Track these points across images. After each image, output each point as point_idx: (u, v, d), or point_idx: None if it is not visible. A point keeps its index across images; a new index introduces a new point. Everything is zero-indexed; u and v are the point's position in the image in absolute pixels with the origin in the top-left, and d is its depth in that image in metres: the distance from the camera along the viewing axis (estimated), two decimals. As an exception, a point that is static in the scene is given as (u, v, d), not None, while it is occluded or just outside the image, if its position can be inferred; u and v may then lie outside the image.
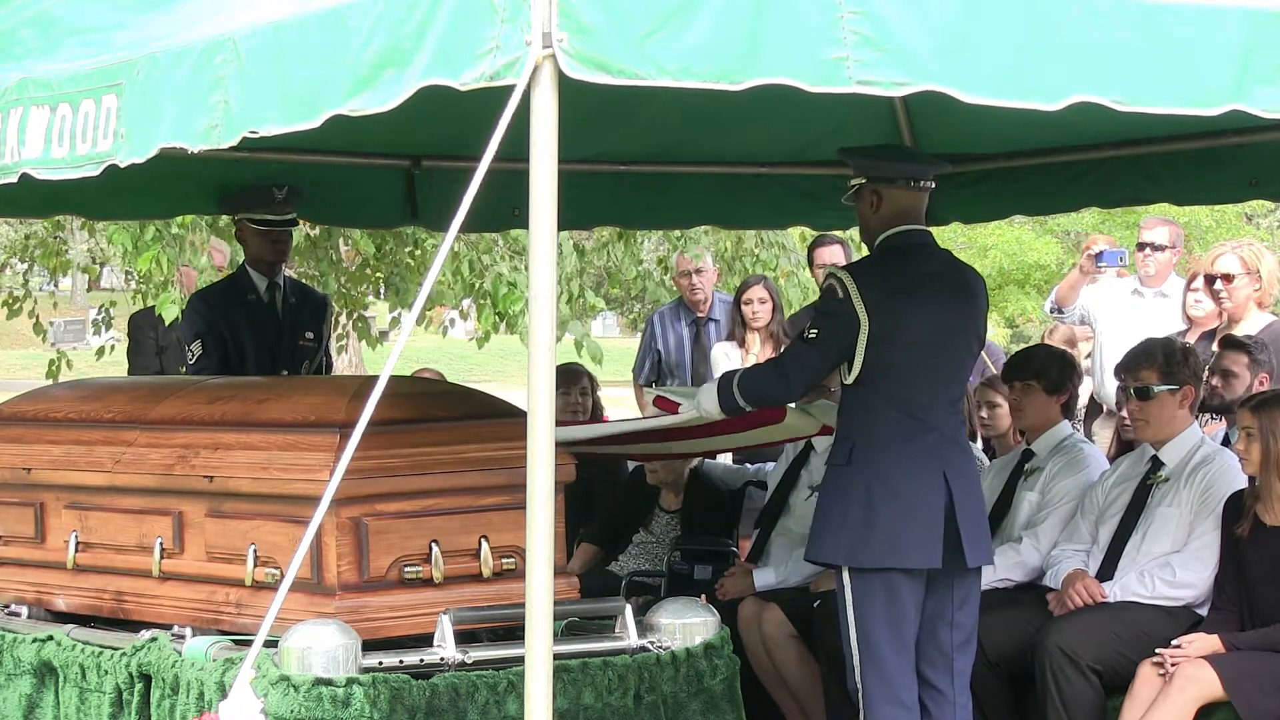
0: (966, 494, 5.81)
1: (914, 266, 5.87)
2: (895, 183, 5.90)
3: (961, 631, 5.89)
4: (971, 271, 6.24)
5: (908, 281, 5.84)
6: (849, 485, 5.79)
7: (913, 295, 5.82)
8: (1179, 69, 4.18)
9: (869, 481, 5.75)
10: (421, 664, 4.96)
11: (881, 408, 5.79)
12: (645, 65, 3.92)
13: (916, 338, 5.80)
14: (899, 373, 5.77)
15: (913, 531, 5.72)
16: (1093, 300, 9.27)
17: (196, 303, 7.93)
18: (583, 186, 8.19)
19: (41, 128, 4.90)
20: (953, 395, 5.91)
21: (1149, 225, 9.35)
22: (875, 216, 5.93)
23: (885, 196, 5.90)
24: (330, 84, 4.18)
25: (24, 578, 5.93)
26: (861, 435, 5.81)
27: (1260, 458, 6.14)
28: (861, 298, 5.75)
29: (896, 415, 5.77)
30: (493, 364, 27.79)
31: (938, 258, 5.99)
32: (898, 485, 5.73)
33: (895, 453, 5.76)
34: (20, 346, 34.29)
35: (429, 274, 4.52)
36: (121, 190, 7.36)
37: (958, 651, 5.90)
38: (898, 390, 5.77)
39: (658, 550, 7.91)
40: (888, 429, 5.78)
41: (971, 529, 5.79)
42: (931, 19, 4.04)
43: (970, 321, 5.96)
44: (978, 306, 6.01)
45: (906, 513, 5.72)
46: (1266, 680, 5.95)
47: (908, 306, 5.80)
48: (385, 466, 5.12)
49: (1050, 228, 24.08)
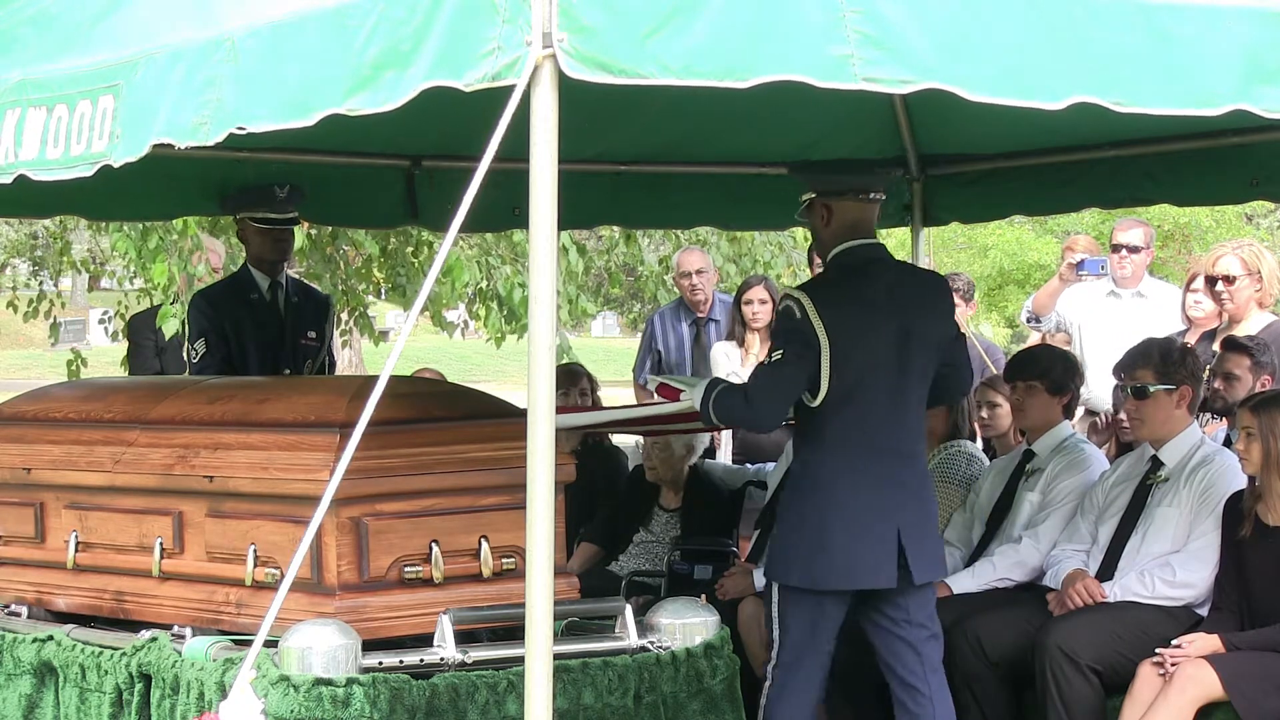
0: (917, 511, 5.86)
1: (870, 282, 5.86)
2: (844, 195, 5.89)
3: (925, 629, 5.96)
4: (929, 278, 6.27)
5: (864, 299, 5.82)
6: (805, 506, 5.84)
7: (870, 313, 5.81)
8: (1181, 69, 4.18)
9: (823, 503, 5.79)
10: (421, 664, 4.96)
11: (837, 429, 5.79)
12: (648, 64, 3.93)
13: (874, 356, 5.79)
14: (856, 393, 5.77)
15: (866, 554, 5.77)
16: (1070, 305, 9.29)
17: (199, 302, 7.93)
18: (583, 186, 8.19)
19: (38, 129, 4.90)
20: (909, 410, 5.90)
21: (1123, 227, 9.38)
22: (827, 230, 5.94)
23: (835, 210, 5.91)
24: (329, 84, 4.18)
25: (24, 578, 5.93)
26: (815, 456, 5.84)
27: (1260, 458, 6.14)
28: (821, 318, 5.73)
29: (851, 436, 5.79)
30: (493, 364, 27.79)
31: (893, 270, 5.99)
32: (851, 507, 5.77)
33: (849, 474, 5.79)
34: (20, 346, 34.28)
35: (429, 274, 4.51)
36: (122, 191, 7.37)
37: (924, 645, 5.95)
38: (853, 410, 5.78)
39: (657, 550, 7.91)
40: (842, 450, 5.80)
41: (918, 546, 5.83)
42: (932, 19, 4.04)
43: (931, 331, 5.94)
44: (937, 313, 5.99)
45: (859, 535, 5.77)
46: (1266, 680, 5.95)
47: (865, 325, 5.79)
48: (385, 466, 5.12)
49: (1050, 228, 24.08)
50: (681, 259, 10.42)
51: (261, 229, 7.67)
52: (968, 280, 9.91)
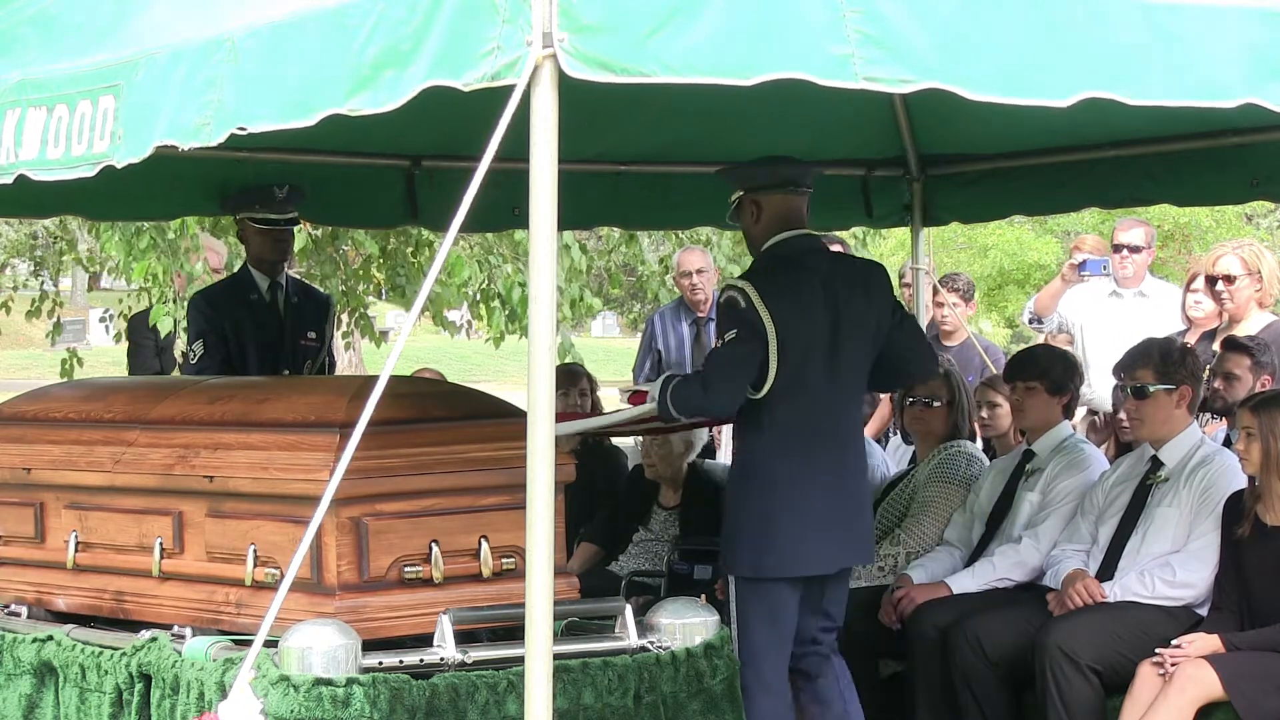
0: (851, 496, 5.96)
1: (806, 272, 5.94)
2: (772, 189, 5.99)
3: (830, 620, 6.10)
4: (865, 266, 6.35)
5: (801, 288, 5.91)
6: (748, 496, 5.91)
7: (807, 302, 5.89)
8: (1188, 65, 4.18)
9: (766, 492, 5.88)
10: (421, 664, 4.95)
11: (777, 417, 5.88)
12: (649, 63, 3.93)
13: (812, 345, 5.88)
14: (796, 381, 5.85)
15: (808, 541, 5.87)
16: (1072, 306, 9.30)
17: (199, 302, 7.93)
18: (583, 186, 8.19)
19: (38, 129, 4.90)
20: (845, 397, 5.99)
21: (1124, 227, 9.40)
22: (757, 226, 6.04)
23: (764, 204, 6.01)
24: (329, 83, 4.18)
25: (24, 578, 5.93)
26: (757, 444, 5.93)
27: (1260, 458, 6.14)
28: (766, 307, 5.81)
29: (791, 424, 5.88)
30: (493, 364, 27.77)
31: (827, 260, 6.07)
32: (791, 495, 5.86)
33: (790, 462, 5.88)
34: (20, 347, 34.26)
35: (429, 274, 4.51)
36: (123, 191, 7.36)
37: (822, 633, 6.09)
38: (793, 399, 5.86)
39: (657, 548, 7.90)
40: (783, 439, 5.89)
41: (848, 530, 5.92)
42: (932, 19, 4.04)
43: (866, 318, 6.02)
44: (875, 301, 6.06)
45: (802, 522, 5.86)
46: (1266, 680, 5.95)
47: (804, 314, 5.87)
48: (385, 466, 5.11)
49: (1050, 228, 24.08)
50: (682, 258, 10.42)
51: (261, 229, 7.67)
52: (968, 280, 9.91)
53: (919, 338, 6.39)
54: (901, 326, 6.16)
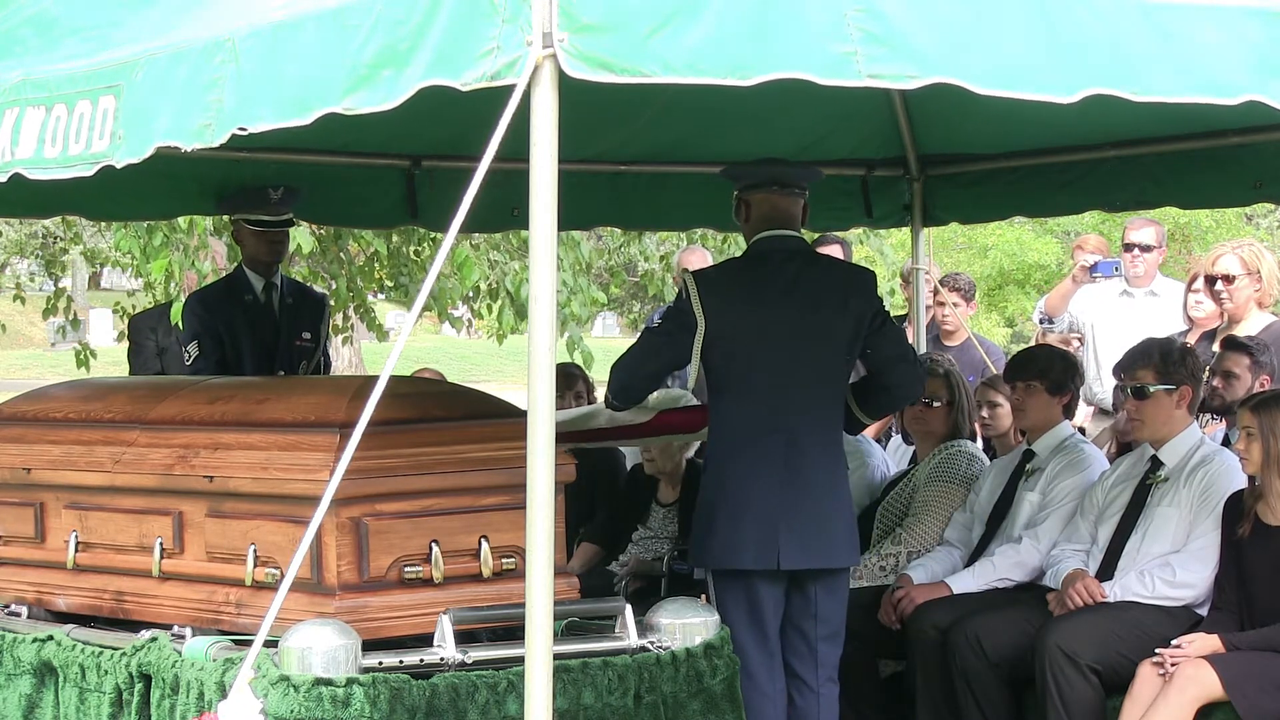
0: (808, 496, 5.94)
1: (768, 271, 5.99)
2: (759, 188, 6.06)
3: (827, 625, 6.08)
4: (842, 272, 6.40)
5: (755, 286, 5.97)
6: (701, 488, 6.07)
7: (758, 300, 5.95)
8: (1192, 63, 4.18)
9: (711, 484, 6.01)
10: (421, 664, 4.95)
11: (730, 410, 5.98)
12: (650, 63, 3.92)
13: (761, 341, 5.94)
14: (743, 375, 5.94)
15: (745, 533, 5.92)
16: (1082, 305, 9.30)
17: (193, 303, 7.92)
18: (583, 186, 8.20)
19: (36, 128, 4.90)
20: (809, 398, 5.99)
21: (1135, 226, 9.41)
22: (747, 225, 6.14)
23: (752, 203, 6.11)
24: (328, 83, 4.18)
25: (24, 578, 5.93)
26: (713, 437, 6.06)
27: (1260, 457, 6.15)
28: (701, 301, 5.93)
29: (742, 417, 5.95)
30: (493, 364, 27.82)
31: (800, 263, 6.08)
32: (732, 487, 5.93)
33: (737, 455, 5.96)
34: (20, 346, 34.27)
35: (429, 273, 4.51)
36: (122, 191, 7.37)
37: (822, 643, 6.08)
38: (737, 395, 5.96)
39: (656, 545, 7.91)
40: (732, 431, 5.98)
41: (802, 530, 5.92)
42: (933, 17, 4.03)
43: (835, 323, 6.02)
44: (847, 307, 6.06)
45: (739, 514, 5.92)
46: (1266, 680, 5.95)
47: (749, 311, 5.94)
48: (385, 466, 5.11)
49: (1050, 228, 24.07)
50: (683, 258, 10.42)
51: (256, 231, 7.67)
52: (968, 280, 9.91)
53: (899, 346, 6.27)
54: (881, 333, 6.11)
